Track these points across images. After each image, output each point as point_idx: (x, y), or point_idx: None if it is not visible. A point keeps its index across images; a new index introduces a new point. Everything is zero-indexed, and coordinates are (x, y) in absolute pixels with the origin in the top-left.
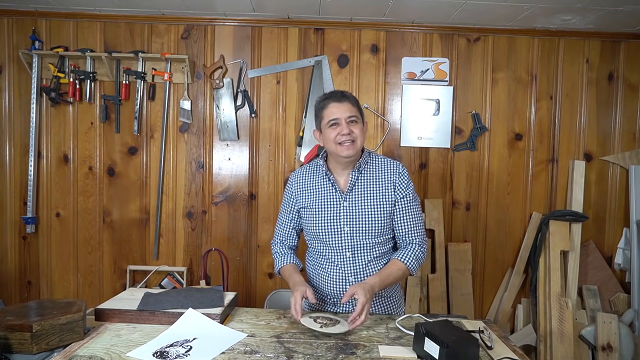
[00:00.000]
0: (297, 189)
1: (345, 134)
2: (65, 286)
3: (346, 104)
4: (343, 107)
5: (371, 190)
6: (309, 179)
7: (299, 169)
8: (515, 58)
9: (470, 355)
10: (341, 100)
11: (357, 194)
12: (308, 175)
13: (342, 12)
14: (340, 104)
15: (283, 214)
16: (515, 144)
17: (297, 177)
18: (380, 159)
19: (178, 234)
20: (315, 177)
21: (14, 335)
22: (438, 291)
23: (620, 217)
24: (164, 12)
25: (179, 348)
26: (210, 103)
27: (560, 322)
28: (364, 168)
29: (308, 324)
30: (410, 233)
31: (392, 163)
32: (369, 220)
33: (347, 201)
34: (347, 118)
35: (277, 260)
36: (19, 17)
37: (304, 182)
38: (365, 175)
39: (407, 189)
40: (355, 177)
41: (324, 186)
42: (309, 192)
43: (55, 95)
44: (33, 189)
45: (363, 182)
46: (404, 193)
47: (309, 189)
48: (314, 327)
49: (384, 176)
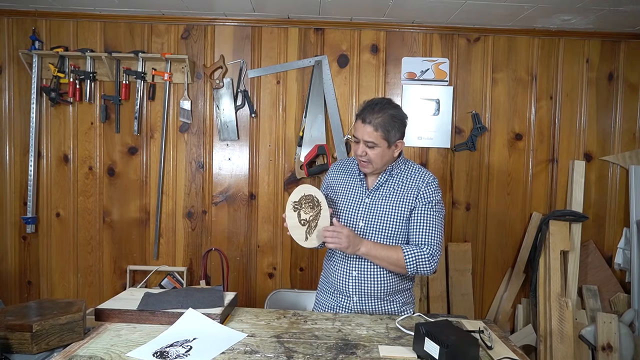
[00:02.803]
0: (331, 177)
1: (358, 155)
2: (65, 286)
3: (368, 127)
4: (363, 130)
5: (394, 192)
6: (344, 171)
7: (341, 160)
8: (515, 58)
9: (470, 355)
10: (365, 121)
11: (381, 194)
12: (344, 167)
13: (342, 12)
14: (363, 125)
15: None
16: (515, 144)
17: (335, 166)
18: (414, 167)
19: (178, 234)
20: (349, 170)
21: (14, 335)
22: (438, 291)
23: (620, 217)
24: (164, 12)
25: (179, 348)
26: (210, 103)
27: (560, 322)
28: (396, 172)
29: (292, 226)
30: (424, 239)
31: (422, 171)
32: (385, 220)
33: (369, 198)
34: (365, 142)
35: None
36: (19, 17)
37: (338, 172)
38: (395, 178)
39: (430, 197)
40: (384, 179)
41: (354, 180)
42: (339, 183)
43: (55, 95)
44: (33, 189)
45: (390, 185)
46: (427, 201)
47: (340, 179)
48: (298, 235)
49: (410, 182)
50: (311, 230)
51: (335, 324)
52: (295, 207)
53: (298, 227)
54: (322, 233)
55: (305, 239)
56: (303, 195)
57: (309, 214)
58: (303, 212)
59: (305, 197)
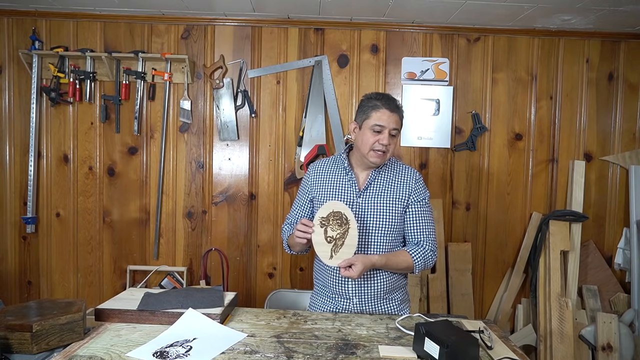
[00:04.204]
0: (314, 179)
1: (384, 144)
2: (65, 286)
3: (396, 116)
4: (393, 118)
5: (386, 191)
6: (328, 171)
7: (319, 160)
8: (515, 58)
9: (470, 355)
10: (394, 111)
11: (372, 193)
12: (328, 168)
13: (342, 12)
14: (392, 113)
15: (297, 202)
16: (515, 144)
17: (316, 167)
18: (398, 164)
19: (178, 234)
20: (335, 170)
21: (14, 335)
22: (438, 291)
23: (620, 217)
24: (164, 12)
25: (179, 348)
26: (210, 103)
27: (560, 322)
28: (383, 169)
29: (317, 242)
30: (422, 235)
31: (410, 169)
32: (380, 220)
33: (361, 198)
34: (392, 130)
35: (285, 234)
36: (19, 17)
37: (322, 174)
38: (383, 175)
39: (421, 195)
40: (374, 177)
41: (342, 180)
42: (326, 184)
43: (55, 95)
44: (33, 189)
45: (380, 182)
46: (419, 198)
47: (327, 180)
48: (323, 252)
49: (401, 180)
50: (337, 248)
51: (335, 324)
52: (322, 223)
53: (324, 244)
54: (343, 263)
55: (330, 257)
56: (332, 212)
57: (336, 231)
58: (330, 229)
59: (334, 214)
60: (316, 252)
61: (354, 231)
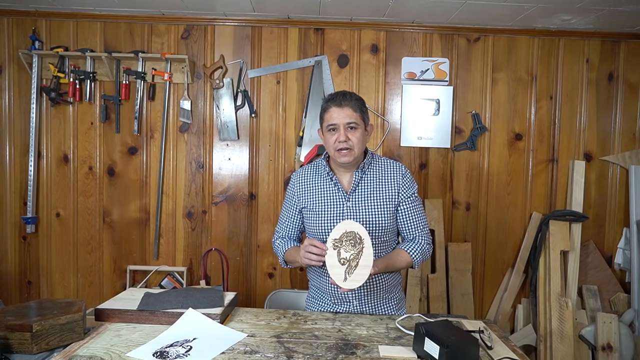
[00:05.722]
0: (299, 189)
1: (342, 141)
2: (65, 286)
3: (346, 109)
4: (343, 113)
5: (375, 190)
6: (311, 179)
7: (300, 169)
8: (515, 58)
9: (470, 355)
10: (342, 105)
11: (361, 194)
12: (310, 175)
13: (342, 12)
14: (340, 109)
15: (285, 214)
16: (515, 144)
17: (298, 177)
18: (383, 160)
19: (178, 234)
20: (318, 177)
21: (14, 335)
22: (438, 291)
23: (620, 217)
24: (164, 12)
25: (179, 348)
26: (210, 103)
27: (560, 322)
28: (368, 169)
29: (331, 265)
30: (417, 230)
31: (395, 164)
32: (373, 220)
33: (350, 201)
34: (346, 124)
35: (280, 249)
36: (19, 17)
37: (306, 182)
38: (369, 175)
39: (411, 189)
40: (359, 178)
41: (326, 186)
42: (312, 192)
43: (55, 95)
44: (33, 189)
45: (366, 183)
46: (409, 193)
47: (312, 188)
48: (337, 275)
49: (388, 177)
50: (351, 270)
51: (335, 324)
52: (335, 245)
53: (337, 266)
54: (357, 277)
55: (344, 279)
56: (344, 232)
57: (349, 252)
58: (343, 250)
59: (347, 234)
60: (330, 274)
61: (368, 250)
